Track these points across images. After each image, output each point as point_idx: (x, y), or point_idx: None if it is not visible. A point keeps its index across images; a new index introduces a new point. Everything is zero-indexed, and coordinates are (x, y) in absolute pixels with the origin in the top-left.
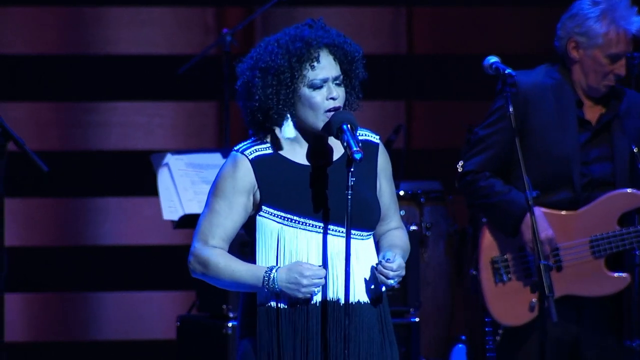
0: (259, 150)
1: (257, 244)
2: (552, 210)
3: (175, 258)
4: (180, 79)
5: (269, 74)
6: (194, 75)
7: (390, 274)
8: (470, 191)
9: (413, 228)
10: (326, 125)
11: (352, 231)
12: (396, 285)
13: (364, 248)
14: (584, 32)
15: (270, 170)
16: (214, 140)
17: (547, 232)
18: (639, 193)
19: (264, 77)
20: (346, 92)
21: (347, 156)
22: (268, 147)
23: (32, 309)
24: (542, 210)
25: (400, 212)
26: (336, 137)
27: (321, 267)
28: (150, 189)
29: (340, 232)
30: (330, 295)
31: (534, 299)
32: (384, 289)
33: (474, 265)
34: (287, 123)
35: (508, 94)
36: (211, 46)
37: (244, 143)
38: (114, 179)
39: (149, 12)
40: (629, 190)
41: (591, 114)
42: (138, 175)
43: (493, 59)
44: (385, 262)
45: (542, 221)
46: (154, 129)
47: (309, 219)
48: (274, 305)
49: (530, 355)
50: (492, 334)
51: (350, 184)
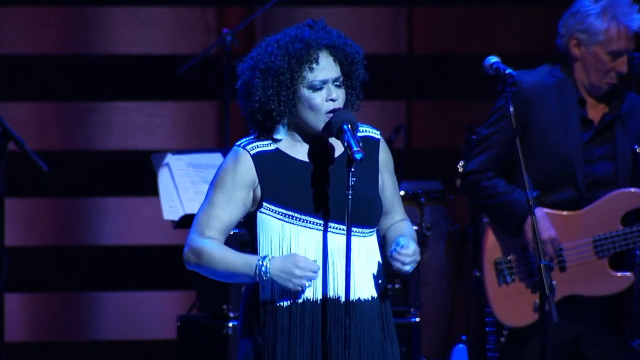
0: (260, 146)
1: (258, 241)
2: (555, 211)
3: (175, 258)
4: (180, 79)
5: (268, 75)
6: (194, 75)
7: (407, 259)
8: (473, 191)
9: (413, 228)
10: (326, 125)
11: (354, 228)
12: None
13: (366, 245)
14: (585, 29)
15: (271, 166)
16: (215, 140)
17: (550, 232)
18: None
19: (263, 78)
20: (347, 93)
21: (348, 156)
22: (270, 144)
23: (33, 309)
24: (545, 210)
25: None
26: (337, 137)
27: (315, 262)
28: (150, 189)
29: (341, 230)
30: (330, 293)
31: (538, 300)
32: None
33: (477, 266)
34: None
35: (509, 93)
36: (212, 46)
37: (246, 138)
38: (114, 178)
39: (149, 12)
40: (632, 190)
41: (594, 113)
42: (138, 175)
43: (493, 59)
44: (400, 249)
45: (545, 221)
46: (155, 129)
47: (310, 216)
48: (276, 303)
49: (534, 356)
50: (496, 334)
51: (350, 184)
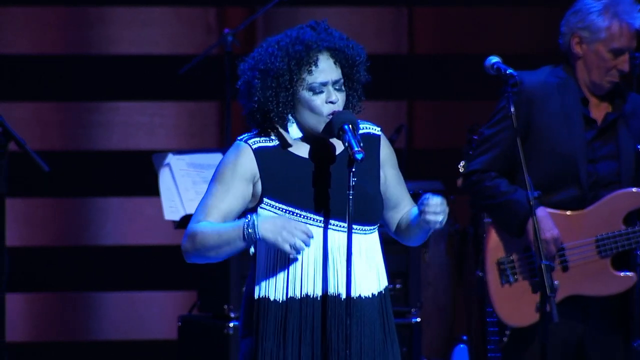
0: (262, 142)
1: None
2: (558, 210)
3: (176, 258)
4: (181, 79)
5: (268, 76)
6: (195, 75)
7: (438, 208)
8: (476, 191)
9: None
10: (327, 126)
11: (354, 225)
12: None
13: (367, 242)
14: (586, 27)
15: (272, 162)
16: (216, 140)
17: (553, 232)
18: None
19: (263, 79)
20: (348, 95)
21: (349, 156)
22: (271, 140)
23: (34, 309)
24: (548, 210)
25: None
26: (338, 138)
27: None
28: (151, 189)
29: (342, 227)
30: (331, 290)
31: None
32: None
33: (480, 266)
34: (292, 125)
35: (509, 94)
36: (213, 46)
37: (248, 134)
38: (115, 179)
39: (150, 12)
40: (634, 189)
41: (597, 113)
42: (139, 175)
43: (494, 59)
44: (427, 201)
45: (548, 221)
46: (156, 129)
47: (310, 213)
48: (273, 298)
49: (537, 356)
50: (498, 334)
51: (351, 184)
